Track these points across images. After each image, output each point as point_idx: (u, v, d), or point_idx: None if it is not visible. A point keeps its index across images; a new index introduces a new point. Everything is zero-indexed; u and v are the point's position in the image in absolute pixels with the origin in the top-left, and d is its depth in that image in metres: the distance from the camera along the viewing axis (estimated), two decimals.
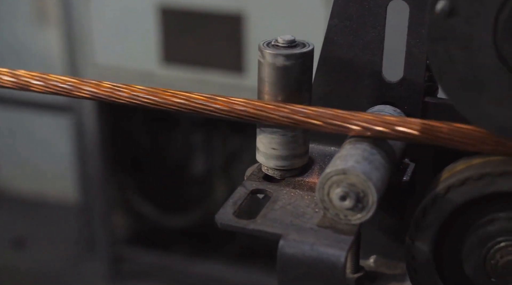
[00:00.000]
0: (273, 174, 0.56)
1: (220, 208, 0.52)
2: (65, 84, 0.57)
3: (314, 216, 0.51)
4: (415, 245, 0.50)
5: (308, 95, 0.55)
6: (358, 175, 0.47)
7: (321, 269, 0.47)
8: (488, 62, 0.43)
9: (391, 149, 0.52)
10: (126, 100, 0.55)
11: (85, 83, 0.57)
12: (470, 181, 0.47)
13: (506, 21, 0.42)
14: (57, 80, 0.57)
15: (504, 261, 0.47)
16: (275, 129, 0.54)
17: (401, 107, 0.57)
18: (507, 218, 0.47)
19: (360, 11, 0.55)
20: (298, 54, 0.52)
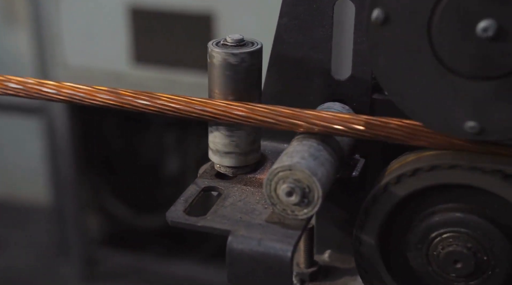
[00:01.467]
0: (225, 172, 0.57)
1: (171, 206, 0.53)
2: (22, 85, 0.57)
3: (263, 212, 0.51)
4: (362, 236, 0.52)
5: (258, 93, 0.56)
6: (303, 171, 0.48)
7: (268, 263, 0.48)
8: (427, 64, 0.45)
9: (338, 145, 0.53)
10: (87, 101, 0.55)
11: (44, 84, 0.57)
12: (420, 172, 0.48)
13: (438, 24, 0.43)
14: (15, 82, 0.57)
15: (446, 252, 0.49)
16: (226, 127, 0.55)
17: (350, 104, 0.58)
18: (448, 210, 0.49)
19: (308, 10, 0.57)
20: (247, 53, 0.53)
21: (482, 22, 0.42)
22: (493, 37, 0.42)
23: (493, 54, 0.43)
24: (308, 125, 0.51)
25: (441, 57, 0.45)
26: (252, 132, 0.56)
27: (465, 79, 0.45)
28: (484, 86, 0.44)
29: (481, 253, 0.48)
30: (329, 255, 0.65)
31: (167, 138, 2.13)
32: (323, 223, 0.64)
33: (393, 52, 0.46)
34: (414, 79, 0.46)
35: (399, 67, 0.46)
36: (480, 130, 0.45)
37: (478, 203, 0.48)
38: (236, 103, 0.52)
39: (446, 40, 0.44)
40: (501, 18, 0.42)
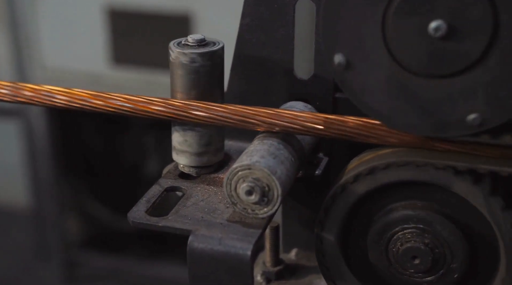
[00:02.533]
0: (189, 172, 0.57)
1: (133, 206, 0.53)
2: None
3: (225, 212, 0.52)
4: (323, 234, 0.52)
5: (220, 93, 0.56)
6: (262, 170, 0.48)
7: (229, 262, 0.48)
8: (382, 62, 0.45)
9: (299, 144, 0.53)
10: (64, 104, 0.55)
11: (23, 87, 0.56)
12: (376, 170, 0.49)
13: (392, 24, 0.44)
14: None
15: (404, 248, 0.49)
16: (189, 127, 0.55)
17: (313, 103, 0.58)
18: (406, 207, 0.49)
19: (270, 10, 0.57)
20: (208, 53, 0.53)
21: (433, 22, 0.43)
22: (444, 36, 0.43)
23: (445, 53, 0.43)
24: (268, 125, 0.52)
25: (395, 56, 0.45)
26: (215, 131, 0.56)
27: (419, 77, 0.45)
28: (438, 84, 0.45)
29: (438, 249, 0.49)
30: (296, 253, 0.65)
31: (147, 140, 2.12)
32: (289, 221, 0.64)
33: (349, 51, 0.46)
34: (370, 77, 0.46)
35: (354, 66, 0.46)
36: (434, 127, 0.46)
37: (434, 199, 0.49)
38: (194, 103, 0.52)
39: (400, 40, 0.44)
40: (452, 18, 0.43)
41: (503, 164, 0.45)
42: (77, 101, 0.53)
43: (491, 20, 0.42)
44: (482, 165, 0.45)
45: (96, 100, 0.54)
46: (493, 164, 0.45)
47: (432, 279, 0.50)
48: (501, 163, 0.45)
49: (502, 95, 0.43)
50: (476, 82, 0.44)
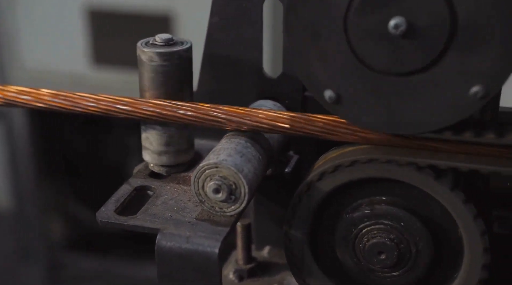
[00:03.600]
0: (159, 171, 0.57)
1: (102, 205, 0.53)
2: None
3: (194, 210, 0.52)
4: (291, 231, 0.52)
5: (189, 92, 0.56)
6: (229, 168, 0.49)
7: (196, 260, 0.48)
8: (345, 60, 0.46)
9: (267, 142, 0.54)
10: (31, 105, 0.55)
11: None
12: (341, 168, 0.49)
13: (353, 23, 0.45)
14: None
15: (370, 244, 0.50)
16: (158, 126, 0.55)
17: (282, 101, 0.59)
18: (371, 203, 0.50)
19: (238, 9, 0.57)
20: (175, 52, 0.54)
21: (393, 19, 0.43)
22: (404, 34, 0.43)
23: (406, 51, 0.44)
24: (236, 124, 0.52)
25: (358, 54, 0.46)
26: (184, 130, 0.56)
27: (381, 75, 0.46)
28: (399, 82, 0.46)
29: (404, 244, 0.49)
30: (268, 251, 0.66)
31: (130, 140, 2.11)
32: (261, 219, 0.65)
33: (312, 49, 0.46)
34: (333, 75, 0.47)
35: (318, 65, 0.47)
36: (395, 125, 0.46)
37: (399, 195, 0.49)
38: (160, 102, 0.53)
39: (362, 38, 0.45)
40: (411, 16, 0.43)
41: (463, 160, 0.46)
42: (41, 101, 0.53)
43: (448, 18, 0.42)
44: (443, 161, 0.46)
45: (63, 99, 0.54)
46: (453, 160, 0.46)
47: (399, 274, 0.51)
48: (461, 158, 0.46)
49: (460, 93, 0.44)
50: (436, 79, 0.44)
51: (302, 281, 0.54)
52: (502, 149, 0.46)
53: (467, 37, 0.42)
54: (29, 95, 0.54)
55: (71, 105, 0.53)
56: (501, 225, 0.55)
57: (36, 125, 2.00)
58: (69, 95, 0.53)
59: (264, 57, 0.58)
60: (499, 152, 0.46)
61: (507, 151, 0.46)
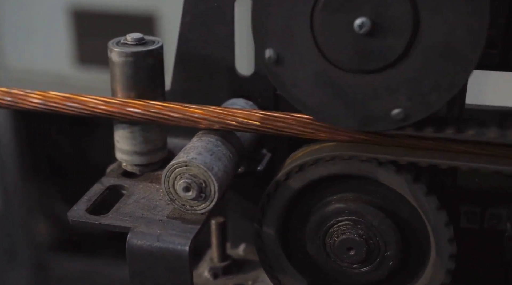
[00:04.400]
0: (132, 170, 0.57)
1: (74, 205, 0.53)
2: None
3: (166, 208, 0.52)
4: (262, 229, 0.53)
5: (161, 91, 0.56)
6: (199, 166, 0.49)
7: (167, 258, 0.49)
8: (312, 59, 0.46)
9: (238, 141, 0.54)
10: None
11: None
12: (306, 166, 0.50)
13: (319, 22, 0.45)
14: None
15: (339, 240, 0.50)
16: (130, 126, 0.55)
17: (255, 100, 0.59)
18: (339, 200, 0.51)
19: (210, 8, 0.57)
20: (146, 51, 0.54)
21: (358, 19, 0.44)
22: (369, 33, 0.44)
23: (370, 49, 0.45)
24: (207, 122, 0.52)
25: (324, 52, 0.46)
26: (157, 129, 0.56)
27: (347, 73, 0.46)
28: (364, 79, 0.46)
29: (372, 239, 0.50)
30: (244, 248, 0.66)
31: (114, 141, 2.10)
32: (236, 217, 0.65)
33: (279, 46, 0.47)
34: (300, 72, 0.47)
35: (284, 61, 0.47)
36: (362, 122, 0.47)
37: (364, 191, 0.50)
38: (130, 101, 0.53)
39: (328, 36, 0.45)
40: (376, 15, 0.44)
41: (423, 155, 0.47)
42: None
43: (411, 18, 0.43)
44: (404, 157, 0.47)
45: (34, 98, 0.54)
46: (414, 155, 0.47)
47: (368, 269, 0.51)
48: (422, 154, 0.47)
49: (424, 91, 0.45)
50: (399, 78, 0.45)
51: (275, 278, 0.54)
52: (462, 144, 0.47)
53: (430, 36, 0.43)
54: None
55: None
56: (469, 220, 0.55)
57: (21, 126, 1.99)
58: None
59: (237, 55, 0.59)
60: (459, 147, 0.46)
61: (467, 146, 0.47)
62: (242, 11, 0.58)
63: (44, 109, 0.53)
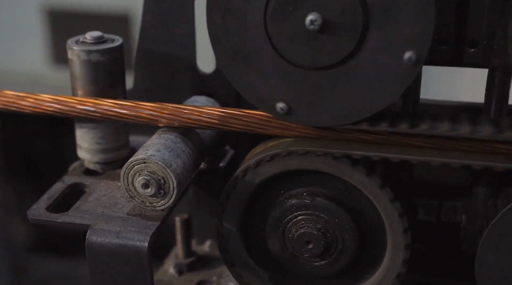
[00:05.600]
0: (94, 168, 0.58)
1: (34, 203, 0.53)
2: None
3: (126, 206, 0.52)
4: (223, 226, 0.53)
5: (121, 89, 0.56)
6: (157, 163, 0.49)
7: (127, 255, 0.49)
8: (257, 38, 0.47)
9: (198, 137, 0.54)
10: None
11: None
12: (263, 162, 0.50)
13: (275, 4, 0.45)
14: None
15: (298, 234, 0.51)
16: (91, 124, 0.56)
17: (217, 97, 0.60)
18: (297, 195, 0.51)
19: (171, 7, 0.58)
20: (105, 50, 0.54)
21: (309, 15, 0.45)
22: (320, 29, 0.45)
23: (322, 46, 0.45)
24: (167, 120, 0.53)
25: (278, 50, 0.47)
26: (118, 127, 0.57)
27: (302, 69, 0.47)
28: (319, 76, 0.47)
29: (330, 233, 0.51)
30: (209, 245, 0.66)
31: None
32: (201, 214, 0.66)
33: (230, 20, 0.47)
34: (257, 70, 0.48)
35: (232, 36, 0.47)
36: (315, 118, 0.48)
37: (321, 185, 0.51)
38: (92, 100, 0.53)
39: (281, 34, 0.46)
40: (326, 12, 0.44)
41: (377, 150, 0.48)
42: None
43: (361, 15, 0.44)
44: (357, 151, 0.48)
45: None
46: (367, 149, 0.48)
47: (327, 262, 0.52)
48: (375, 148, 0.48)
49: (374, 88, 0.46)
50: (353, 73, 0.46)
51: (237, 274, 0.55)
52: (415, 138, 0.48)
53: (383, 16, 0.44)
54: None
55: None
56: (427, 212, 0.56)
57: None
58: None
59: (198, 53, 0.59)
60: (411, 141, 0.47)
61: (420, 141, 0.48)
62: (203, 9, 0.59)
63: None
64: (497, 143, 0.47)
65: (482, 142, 0.47)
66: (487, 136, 0.46)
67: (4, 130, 2.01)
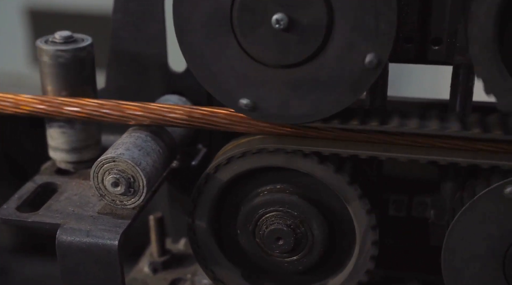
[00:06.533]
0: (66, 167, 0.58)
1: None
2: None
3: (97, 204, 0.53)
4: (194, 223, 0.54)
5: (92, 88, 0.57)
6: (126, 162, 0.49)
7: (97, 253, 0.49)
8: (223, 34, 0.47)
9: (170, 136, 0.55)
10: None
11: None
12: (234, 159, 0.51)
13: (237, 18, 0.46)
14: None
15: (269, 230, 0.52)
16: (61, 124, 0.56)
17: (189, 95, 0.60)
18: (267, 191, 0.52)
19: (140, 6, 0.58)
20: (75, 49, 0.54)
21: (275, 15, 0.45)
22: (286, 28, 0.45)
23: (289, 44, 0.46)
24: (138, 118, 0.53)
25: (245, 48, 0.47)
26: (89, 127, 0.57)
27: (268, 68, 0.47)
28: (285, 74, 0.47)
29: (300, 229, 0.51)
30: (184, 243, 0.67)
31: None
32: (175, 212, 0.66)
33: (196, 11, 0.47)
34: (223, 68, 0.48)
35: (207, 58, 0.48)
36: (278, 116, 0.48)
37: (291, 182, 0.51)
38: (62, 99, 0.53)
39: (248, 33, 0.46)
40: (292, 11, 0.45)
41: (345, 147, 0.48)
42: None
43: (326, 14, 0.44)
44: (327, 148, 0.48)
45: None
46: (336, 146, 0.48)
47: (297, 258, 0.52)
48: (344, 145, 0.48)
49: (338, 87, 0.46)
50: (316, 73, 0.46)
51: (209, 271, 0.55)
52: (384, 135, 0.48)
53: (347, 18, 0.44)
54: None
55: None
56: (397, 208, 0.57)
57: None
58: None
59: (169, 52, 0.60)
60: (380, 138, 0.48)
61: (389, 138, 0.48)
62: None
63: None
64: (463, 140, 0.48)
65: (449, 139, 0.48)
66: (454, 133, 0.47)
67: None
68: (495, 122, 0.48)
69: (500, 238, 0.47)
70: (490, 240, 0.47)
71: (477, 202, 0.47)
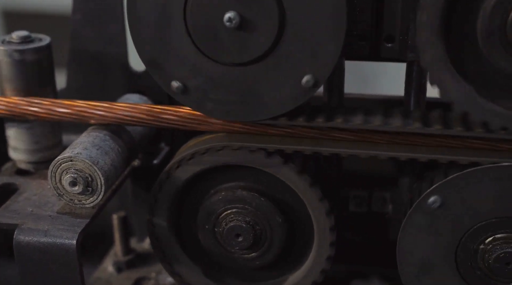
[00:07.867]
0: (26, 168, 0.58)
1: None
2: None
3: (56, 204, 0.53)
4: (154, 219, 0.54)
5: (52, 88, 0.56)
6: (84, 161, 0.50)
7: (55, 253, 0.49)
8: (177, 31, 0.47)
9: (129, 135, 0.55)
10: None
11: None
12: (197, 155, 0.51)
13: (191, 17, 0.46)
14: None
15: (228, 227, 0.52)
16: (22, 124, 0.56)
17: (150, 95, 0.60)
18: (228, 188, 0.52)
19: (100, 6, 0.58)
20: (32, 49, 0.54)
21: (227, 13, 0.45)
22: (238, 27, 0.46)
23: (241, 42, 0.46)
24: (97, 117, 0.53)
25: (199, 47, 0.47)
26: (47, 127, 0.57)
27: (222, 66, 0.48)
28: (240, 72, 0.48)
29: (259, 225, 0.52)
30: (149, 242, 0.67)
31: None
32: (140, 212, 0.66)
33: (155, 43, 0.48)
34: (178, 67, 0.48)
35: (161, 58, 0.48)
36: (243, 112, 0.49)
37: (253, 180, 0.52)
38: (21, 99, 0.53)
39: (201, 32, 0.47)
40: (244, 10, 0.45)
41: (309, 144, 0.49)
42: None
43: (277, 12, 0.45)
44: (290, 146, 0.49)
45: None
46: (299, 144, 0.49)
47: (257, 254, 0.53)
48: (307, 143, 0.49)
49: (293, 83, 0.47)
50: (272, 69, 0.47)
51: (169, 267, 0.56)
52: (347, 132, 0.49)
53: (295, 31, 0.45)
54: None
55: None
56: (357, 204, 0.58)
57: None
58: None
59: (130, 52, 0.60)
60: (344, 135, 0.49)
61: (352, 135, 0.49)
62: None
63: None
64: (422, 136, 0.48)
65: (409, 135, 0.49)
66: (414, 130, 0.48)
67: None
68: (437, 117, 0.49)
69: (446, 245, 0.48)
70: (436, 248, 0.48)
71: (412, 215, 0.48)
